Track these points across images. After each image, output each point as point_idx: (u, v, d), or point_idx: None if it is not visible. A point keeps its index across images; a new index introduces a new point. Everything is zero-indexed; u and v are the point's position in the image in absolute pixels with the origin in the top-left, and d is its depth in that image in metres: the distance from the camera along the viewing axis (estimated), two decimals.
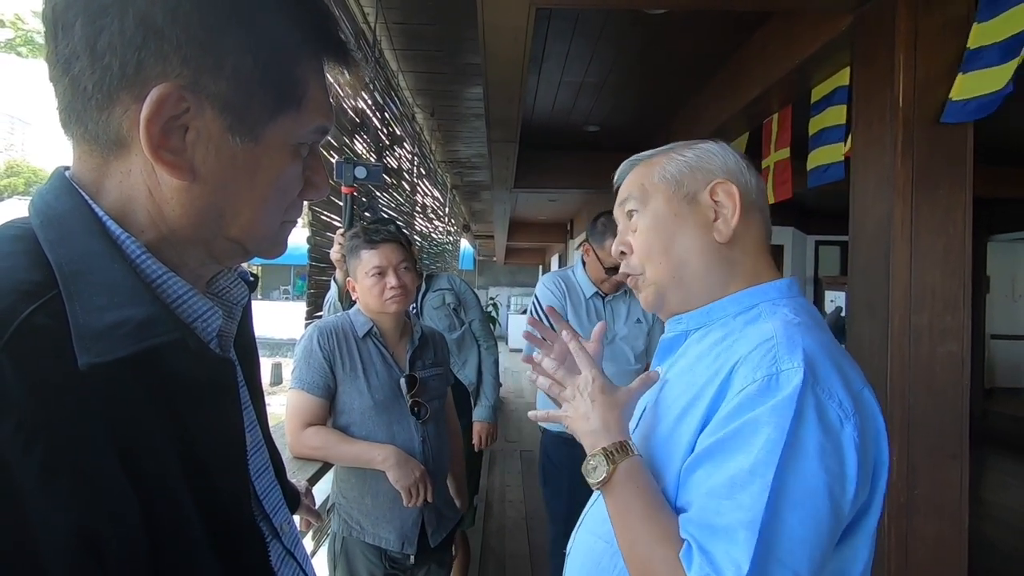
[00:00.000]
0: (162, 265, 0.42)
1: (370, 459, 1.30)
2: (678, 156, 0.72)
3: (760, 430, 0.55)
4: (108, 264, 0.39)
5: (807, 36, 2.10)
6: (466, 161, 5.34)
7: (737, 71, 2.76)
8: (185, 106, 0.39)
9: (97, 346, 0.35)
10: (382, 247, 1.38)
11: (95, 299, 0.37)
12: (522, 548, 2.94)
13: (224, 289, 0.52)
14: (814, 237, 7.26)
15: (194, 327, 0.43)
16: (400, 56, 2.88)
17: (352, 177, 1.71)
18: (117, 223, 0.41)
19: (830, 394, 0.57)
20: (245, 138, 0.42)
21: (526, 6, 1.84)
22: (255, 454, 0.53)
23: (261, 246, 0.47)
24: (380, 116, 2.77)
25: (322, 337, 1.36)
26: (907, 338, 1.62)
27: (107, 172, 0.42)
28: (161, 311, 0.39)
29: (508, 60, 2.25)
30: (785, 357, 0.58)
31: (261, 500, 0.51)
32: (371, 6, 2.37)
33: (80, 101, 0.40)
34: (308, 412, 1.33)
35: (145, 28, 0.38)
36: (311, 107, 0.45)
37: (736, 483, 0.55)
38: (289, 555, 0.53)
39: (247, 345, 0.56)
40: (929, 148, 1.62)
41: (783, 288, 0.69)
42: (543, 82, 3.25)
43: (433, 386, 1.46)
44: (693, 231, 0.70)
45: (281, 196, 0.46)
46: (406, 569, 1.40)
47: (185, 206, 0.42)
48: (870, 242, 1.74)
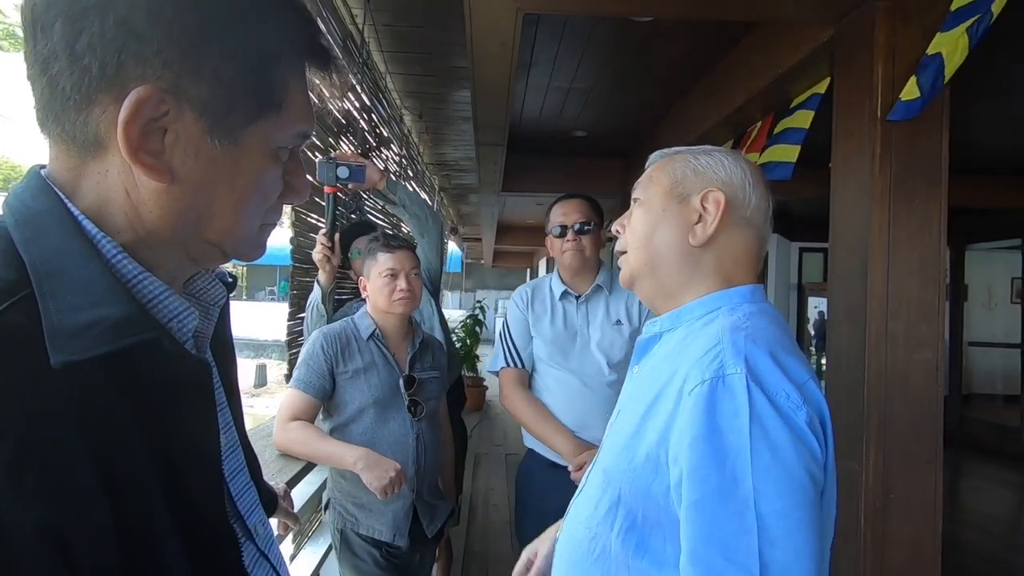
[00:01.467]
0: (138, 265, 0.42)
1: (342, 460, 1.34)
2: (691, 159, 0.78)
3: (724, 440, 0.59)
4: (83, 263, 0.39)
5: (789, 47, 2.14)
6: (454, 164, 5.35)
7: (722, 79, 2.80)
8: (165, 109, 0.40)
9: (71, 345, 0.35)
10: (398, 252, 1.51)
11: (69, 298, 0.37)
12: (506, 551, 2.94)
13: (201, 290, 0.52)
14: (798, 244, 7.35)
15: (170, 327, 0.43)
16: (388, 58, 2.88)
17: (335, 177, 1.69)
18: (93, 223, 0.41)
19: (776, 390, 0.61)
20: (225, 141, 0.42)
21: (513, 11, 1.86)
22: (230, 455, 0.53)
23: (240, 249, 0.47)
24: (367, 118, 2.77)
25: (327, 342, 1.45)
26: (884, 345, 1.66)
27: (84, 172, 0.42)
28: (136, 311, 0.39)
29: (495, 65, 2.26)
30: (730, 361, 0.62)
31: (235, 501, 0.52)
32: (359, 8, 2.37)
33: (58, 101, 0.39)
34: (297, 407, 1.41)
35: (126, 31, 0.38)
36: (292, 112, 0.45)
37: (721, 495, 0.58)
38: (263, 556, 0.53)
39: (224, 346, 0.56)
40: (906, 159, 1.66)
41: (746, 294, 0.74)
42: (531, 87, 3.27)
43: (430, 387, 1.56)
44: (673, 228, 0.75)
45: (260, 199, 0.46)
46: (401, 555, 1.47)
47: (163, 208, 0.42)
48: (849, 250, 1.77)
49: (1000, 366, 6.85)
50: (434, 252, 2.05)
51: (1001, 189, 4.67)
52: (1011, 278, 6.81)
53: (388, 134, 3.35)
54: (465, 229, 10.06)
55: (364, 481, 1.29)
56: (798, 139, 2.28)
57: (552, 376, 1.66)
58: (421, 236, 2.03)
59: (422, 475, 1.46)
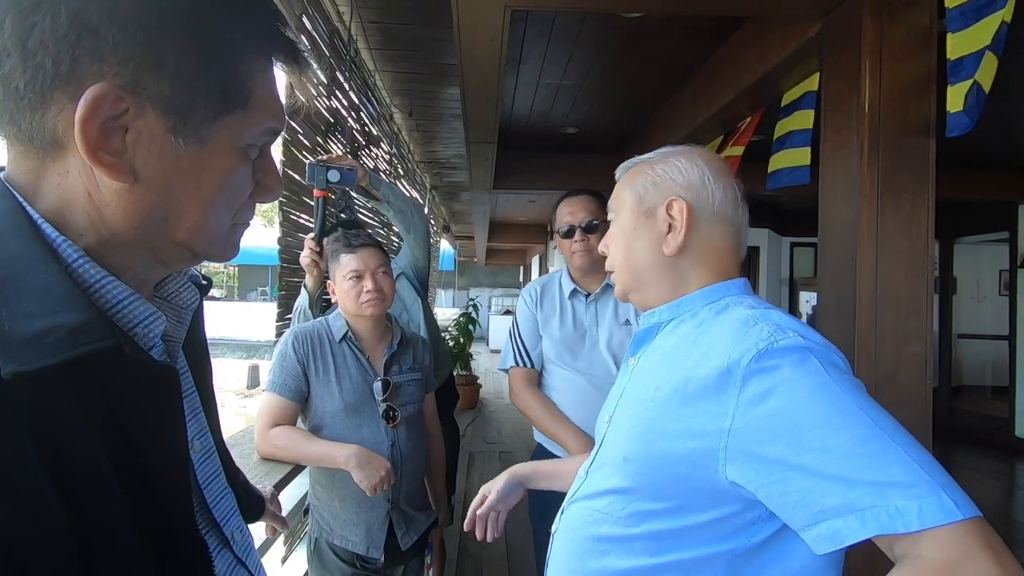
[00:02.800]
0: (101, 269, 0.40)
1: (333, 459, 1.29)
2: (649, 170, 0.80)
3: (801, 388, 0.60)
4: (41, 269, 0.37)
5: (778, 42, 2.14)
6: (445, 162, 5.32)
7: (712, 75, 2.80)
8: (124, 107, 0.38)
9: (23, 355, 0.34)
10: (361, 251, 1.41)
11: (24, 305, 0.35)
12: (499, 549, 2.94)
13: (173, 293, 0.50)
14: (789, 239, 7.39)
15: (134, 333, 0.41)
16: (377, 56, 2.85)
17: (325, 181, 1.65)
18: (54, 227, 0.39)
19: (828, 347, 0.64)
20: (190, 140, 0.41)
21: (500, 7, 1.84)
22: (205, 461, 0.51)
23: (210, 249, 0.46)
24: (356, 116, 2.74)
25: (297, 342, 1.38)
26: (873, 339, 1.66)
27: (43, 174, 0.40)
28: (95, 317, 0.38)
29: (484, 62, 2.24)
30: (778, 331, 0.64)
31: (211, 508, 0.50)
32: (346, 5, 2.35)
33: (12, 100, 0.38)
34: (276, 413, 1.34)
35: (79, 26, 0.36)
36: (259, 108, 0.44)
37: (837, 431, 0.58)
38: (240, 564, 0.52)
39: (198, 350, 0.55)
40: (894, 153, 1.67)
41: (740, 287, 0.77)
42: (521, 84, 3.26)
43: (408, 391, 1.47)
44: (647, 243, 0.78)
45: (229, 199, 0.45)
46: (378, 570, 1.40)
47: (126, 209, 0.41)
48: (838, 245, 1.78)
49: (989, 358, 6.92)
50: (420, 248, 2.02)
51: (988, 183, 4.70)
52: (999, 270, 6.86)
53: (378, 132, 3.32)
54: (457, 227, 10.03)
55: (355, 479, 1.26)
56: (805, 141, 2.25)
57: (561, 376, 1.66)
58: (407, 232, 2.00)
59: (399, 485, 1.37)
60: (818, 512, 0.57)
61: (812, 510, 0.57)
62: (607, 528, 0.74)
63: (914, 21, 1.62)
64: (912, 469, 0.55)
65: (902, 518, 0.53)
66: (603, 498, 0.76)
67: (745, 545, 0.66)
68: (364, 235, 1.47)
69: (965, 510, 0.53)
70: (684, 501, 0.68)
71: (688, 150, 0.81)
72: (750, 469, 0.62)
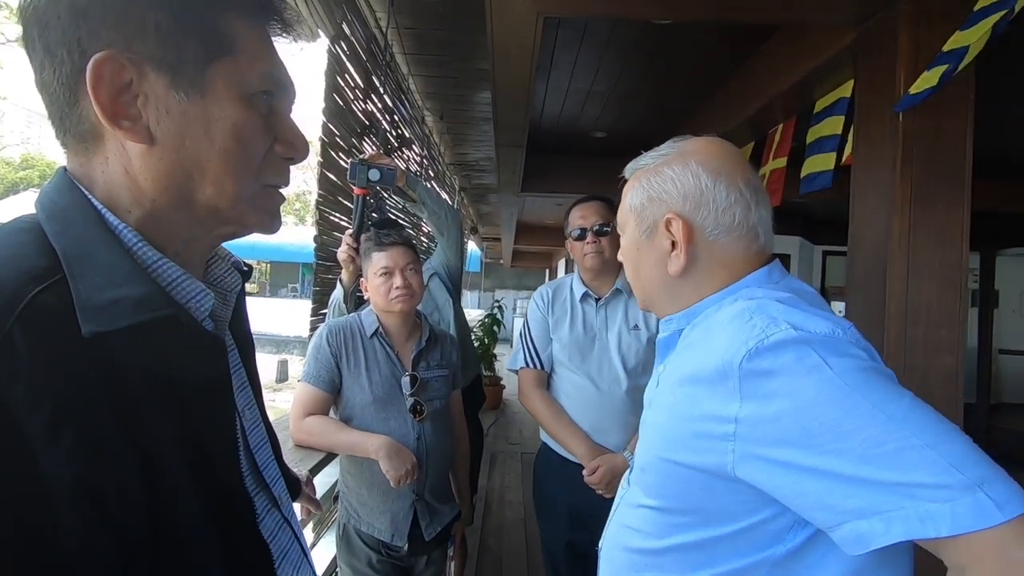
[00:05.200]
0: (157, 252, 0.46)
1: (364, 448, 1.35)
2: (644, 182, 0.75)
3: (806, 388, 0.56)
4: (107, 250, 0.43)
5: (812, 50, 2.13)
6: (474, 164, 5.39)
7: (744, 82, 2.79)
8: (128, 77, 0.43)
9: (99, 318, 0.39)
10: (391, 249, 1.46)
11: (96, 279, 0.41)
12: (519, 547, 2.97)
13: (219, 277, 0.56)
14: (822, 247, 7.24)
15: (188, 307, 0.47)
16: (411, 60, 2.93)
17: (366, 179, 1.71)
18: (111, 211, 0.45)
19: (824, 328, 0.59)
20: (190, 92, 0.45)
21: (533, 15, 1.88)
22: (254, 430, 0.57)
23: (239, 208, 0.49)
24: (390, 119, 2.82)
25: (331, 335, 1.45)
26: (902, 350, 1.64)
27: (92, 164, 0.46)
28: (156, 290, 0.43)
29: (515, 67, 2.28)
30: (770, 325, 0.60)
31: (261, 471, 0.56)
32: (383, 11, 2.42)
33: (56, 105, 0.44)
34: (310, 402, 1.41)
35: (75, 13, 0.42)
36: (249, 54, 0.47)
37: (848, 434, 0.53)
38: (286, 522, 0.57)
39: (243, 332, 0.60)
40: (928, 164, 1.65)
41: (761, 278, 0.71)
42: (551, 89, 3.29)
43: (435, 387, 1.52)
44: (652, 263, 0.75)
45: (244, 149, 0.47)
46: (402, 558, 1.45)
47: (154, 172, 0.45)
48: (868, 255, 1.76)
49: None
50: (453, 250, 2.06)
51: None
52: None
53: (410, 134, 3.40)
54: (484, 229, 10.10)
55: (382, 468, 1.31)
56: (832, 146, 2.25)
57: (570, 380, 1.68)
58: (440, 234, 2.05)
59: (424, 477, 1.42)
60: (840, 513, 0.54)
61: (834, 511, 0.54)
62: (640, 542, 0.72)
63: (950, 30, 1.60)
64: (940, 467, 0.50)
65: (933, 522, 0.49)
66: (637, 511, 0.74)
67: (782, 552, 0.61)
68: (395, 234, 1.52)
69: (1010, 509, 0.48)
70: (708, 511, 0.65)
71: (687, 147, 0.75)
72: (761, 471, 0.59)
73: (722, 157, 0.73)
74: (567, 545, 1.63)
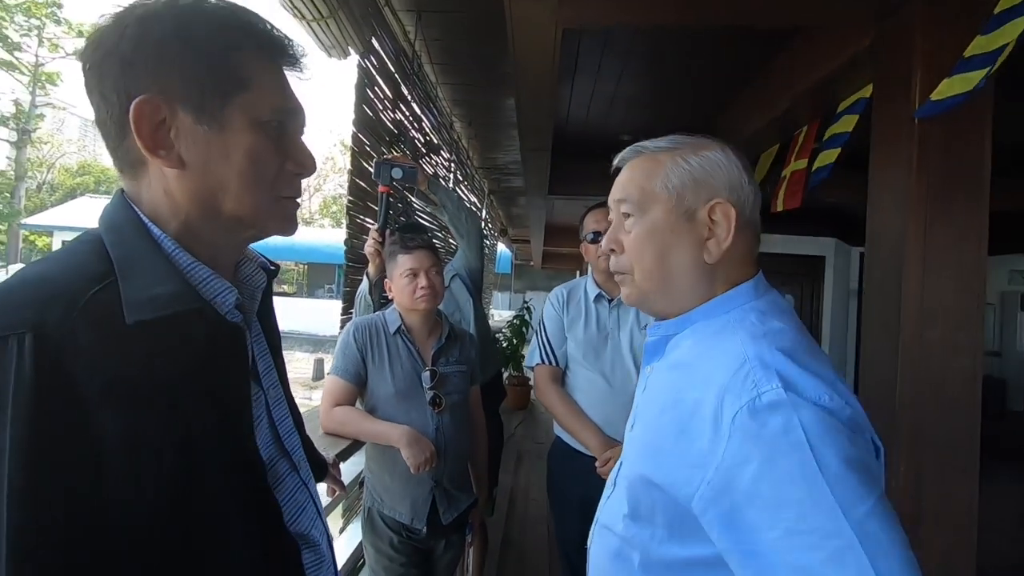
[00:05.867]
0: (191, 256, 0.57)
1: (387, 437, 1.45)
2: (683, 163, 0.71)
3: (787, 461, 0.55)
4: (150, 256, 0.54)
5: (832, 52, 2.14)
6: (503, 167, 5.49)
7: (767, 84, 2.80)
8: (163, 114, 0.53)
9: (141, 310, 0.50)
10: (416, 252, 1.57)
11: (140, 280, 0.52)
12: (542, 543, 3.04)
13: (247, 276, 0.67)
14: (859, 249, 7.05)
15: (214, 302, 0.58)
16: (438, 70, 3.04)
17: (389, 177, 1.84)
18: (155, 224, 0.56)
19: (817, 396, 0.58)
20: (212, 125, 0.55)
21: (552, 27, 1.96)
22: (277, 405, 0.67)
23: (258, 217, 0.59)
24: (418, 126, 2.93)
25: (357, 332, 1.55)
26: (917, 353, 1.65)
27: (140, 186, 0.57)
28: (186, 288, 0.54)
29: (538, 77, 2.36)
30: (763, 379, 0.59)
31: (283, 441, 0.66)
32: (411, 24, 2.53)
33: (110, 139, 0.55)
34: (338, 394, 1.52)
35: (122, 64, 0.53)
36: (261, 88, 0.57)
37: (805, 516, 0.54)
38: (303, 485, 0.68)
39: (271, 323, 0.71)
40: (945, 166, 1.65)
41: (748, 292, 0.71)
42: (576, 93, 3.35)
43: (454, 381, 1.61)
44: (686, 248, 0.71)
45: (258, 169, 0.57)
46: (421, 540, 1.54)
47: (187, 192, 0.56)
48: (884, 256, 1.77)
49: None
50: (473, 252, 2.16)
51: None
52: None
53: (439, 140, 3.52)
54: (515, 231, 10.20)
55: (403, 456, 1.40)
56: (840, 142, 2.29)
57: (583, 376, 1.75)
58: (461, 237, 2.14)
59: (442, 465, 1.51)
60: None
61: None
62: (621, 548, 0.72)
63: (967, 30, 1.60)
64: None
65: None
66: (616, 516, 0.74)
67: None
68: (419, 238, 1.62)
69: None
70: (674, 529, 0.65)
71: (716, 142, 0.73)
72: (716, 527, 0.59)
73: (745, 159, 0.73)
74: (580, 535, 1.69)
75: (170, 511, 0.50)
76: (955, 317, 1.65)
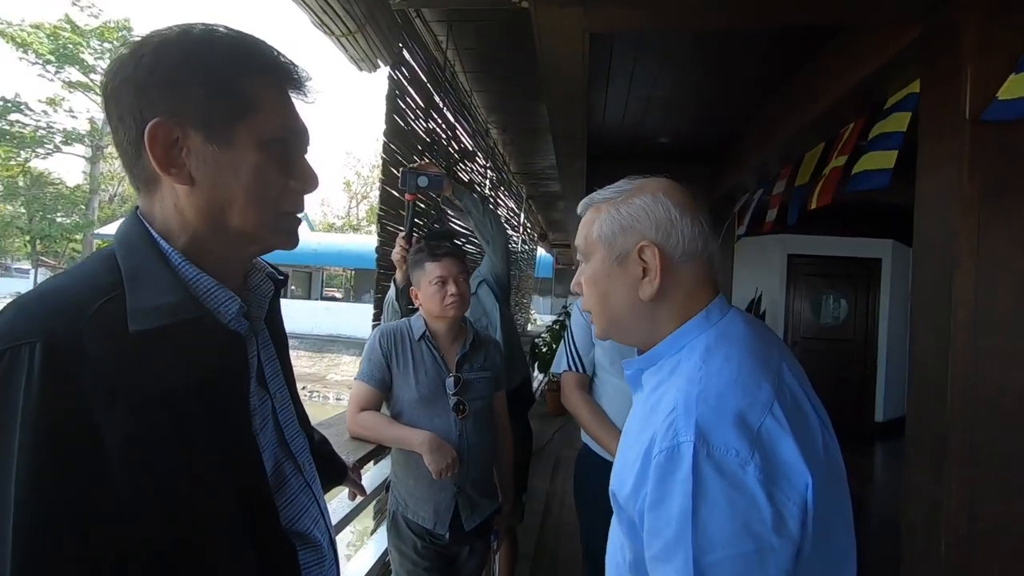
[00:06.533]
0: (196, 268, 0.60)
1: (410, 442, 1.47)
2: (614, 212, 0.78)
3: (672, 503, 0.63)
4: (156, 269, 0.57)
5: (876, 48, 2.04)
6: (540, 173, 5.49)
7: (808, 83, 2.69)
8: (175, 135, 0.56)
9: (143, 319, 0.53)
10: (444, 260, 1.58)
11: (145, 291, 0.55)
12: (576, 552, 3.00)
13: (256, 285, 0.70)
14: None
15: (217, 311, 0.61)
16: (471, 78, 3.07)
17: (415, 186, 1.87)
18: (164, 239, 0.59)
19: (724, 449, 0.62)
20: (221, 144, 0.58)
21: (580, 32, 1.95)
22: (283, 409, 0.70)
23: (262, 232, 0.62)
24: (451, 134, 2.97)
25: (383, 338, 1.58)
26: (971, 362, 1.54)
27: (153, 203, 0.60)
28: (188, 299, 0.57)
29: (568, 83, 2.36)
30: (682, 429, 0.65)
31: (289, 443, 0.69)
32: (443, 33, 2.58)
33: (127, 158, 0.59)
34: (364, 399, 1.54)
35: (137, 89, 0.56)
36: (267, 110, 0.60)
37: (668, 552, 0.63)
38: (307, 486, 0.70)
39: (278, 329, 0.74)
40: (1000, 162, 1.54)
41: (702, 323, 0.75)
42: (612, 96, 3.32)
43: (478, 387, 1.61)
44: (623, 289, 0.77)
45: (262, 185, 0.60)
46: (445, 546, 1.55)
47: (196, 207, 0.59)
48: (934, 260, 1.67)
49: None
50: (499, 257, 2.17)
51: None
52: None
53: (474, 147, 3.55)
54: (555, 235, 10.18)
55: (425, 461, 1.42)
56: (896, 143, 2.14)
57: (611, 384, 1.72)
58: (486, 242, 2.16)
59: (465, 471, 1.51)
60: None
61: None
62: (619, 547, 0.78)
63: (1020, 21, 1.50)
64: None
65: None
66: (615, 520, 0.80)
67: None
68: (445, 245, 1.63)
69: None
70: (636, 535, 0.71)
71: (650, 185, 0.79)
72: None
73: (684, 194, 0.79)
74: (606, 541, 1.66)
75: (169, 510, 0.52)
76: (1013, 325, 1.53)
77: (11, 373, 0.47)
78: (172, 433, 0.53)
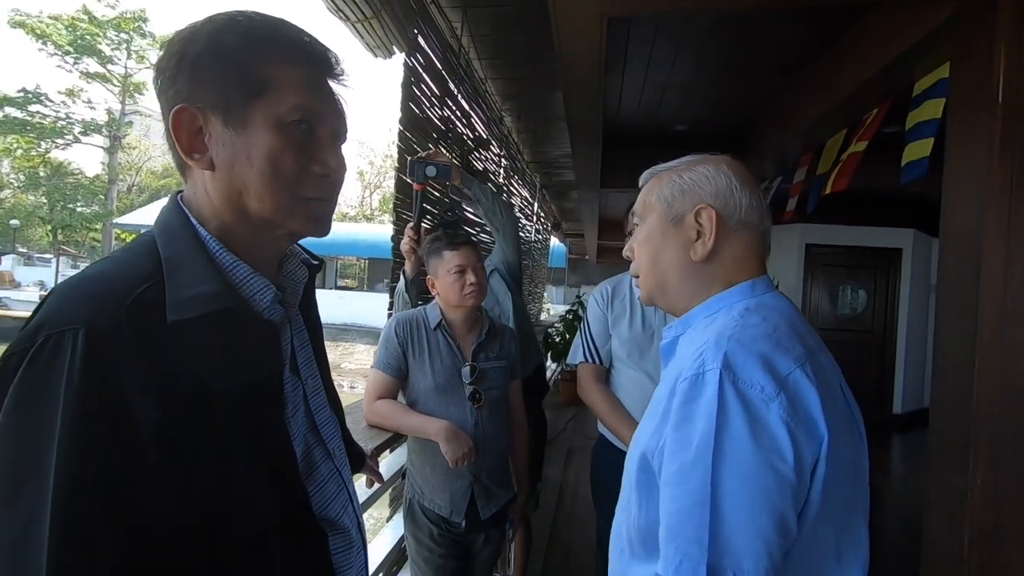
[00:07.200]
0: (233, 256, 0.60)
1: (426, 430, 1.47)
2: (677, 178, 0.81)
3: (695, 426, 0.64)
4: (194, 256, 0.58)
5: (903, 30, 1.98)
6: (554, 161, 5.45)
7: (830, 67, 2.63)
8: (199, 122, 0.57)
9: (180, 309, 0.53)
10: (463, 248, 1.57)
11: (183, 279, 0.55)
12: (589, 541, 3.00)
13: (291, 272, 0.70)
14: None
15: (253, 299, 0.61)
16: (486, 65, 3.04)
17: (423, 175, 1.85)
18: (201, 225, 0.60)
19: (750, 383, 0.64)
20: (237, 126, 0.58)
21: (597, 16, 1.92)
22: (315, 395, 0.70)
23: (280, 216, 0.60)
24: (466, 122, 2.95)
25: (399, 327, 1.57)
26: (998, 354, 1.50)
27: (189, 190, 0.62)
28: (224, 288, 0.57)
29: (584, 68, 2.32)
30: (710, 359, 0.66)
31: (320, 429, 0.69)
32: (458, 20, 2.55)
33: (171, 147, 0.59)
34: (381, 387, 1.55)
35: (170, 80, 0.57)
36: (283, 92, 0.58)
37: (684, 472, 0.64)
38: (337, 472, 0.70)
39: (313, 316, 0.74)
40: None
41: (745, 290, 0.77)
42: (628, 83, 3.27)
43: (493, 377, 1.61)
44: (675, 250, 0.80)
45: (276, 169, 0.58)
46: (461, 534, 1.56)
47: (219, 192, 0.59)
48: (960, 249, 1.63)
49: None
50: (510, 245, 2.15)
51: None
52: None
53: (488, 136, 3.53)
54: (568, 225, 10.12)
55: (442, 450, 1.42)
56: (932, 131, 2.07)
57: (628, 376, 1.70)
58: (497, 231, 2.14)
59: (480, 460, 1.51)
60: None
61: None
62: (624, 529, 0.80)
63: None
64: (700, 535, 0.60)
65: (663, 569, 0.62)
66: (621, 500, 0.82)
67: None
68: (462, 234, 1.62)
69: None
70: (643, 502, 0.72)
71: (714, 158, 0.82)
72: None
73: (746, 170, 0.81)
74: None
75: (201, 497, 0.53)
76: None
77: (55, 358, 0.48)
78: (205, 421, 0.54)
